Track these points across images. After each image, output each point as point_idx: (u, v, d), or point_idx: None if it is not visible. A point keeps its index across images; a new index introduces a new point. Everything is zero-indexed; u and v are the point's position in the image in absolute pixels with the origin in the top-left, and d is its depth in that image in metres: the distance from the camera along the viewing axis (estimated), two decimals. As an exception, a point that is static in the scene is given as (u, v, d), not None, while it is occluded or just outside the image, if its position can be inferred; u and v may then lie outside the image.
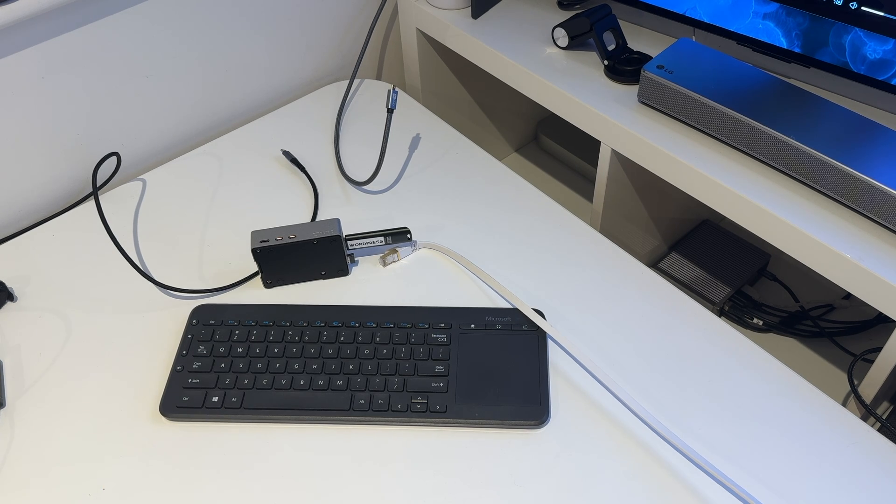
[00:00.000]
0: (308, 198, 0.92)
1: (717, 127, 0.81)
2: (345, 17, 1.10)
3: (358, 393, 0.70)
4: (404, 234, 0.84)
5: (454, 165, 0.96)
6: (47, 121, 0.89)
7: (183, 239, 0.88)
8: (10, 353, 0.77)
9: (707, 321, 0.77)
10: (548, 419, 0.69)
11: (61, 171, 0.93)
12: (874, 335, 1.02)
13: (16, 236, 0.90)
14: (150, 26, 0.91)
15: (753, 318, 1.05)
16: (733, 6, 0.87)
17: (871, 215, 0.72)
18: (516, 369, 0.72)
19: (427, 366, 0.72)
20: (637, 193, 1.00)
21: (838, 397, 0.92)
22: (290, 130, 1.02)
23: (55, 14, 0.82)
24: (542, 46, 0.97)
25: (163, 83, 0.96)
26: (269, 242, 0.79)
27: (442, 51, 1.12)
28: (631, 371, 0.72)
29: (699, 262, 1.11)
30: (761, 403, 0.70)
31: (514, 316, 0.76)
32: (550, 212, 0.89)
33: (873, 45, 0.78)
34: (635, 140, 0.85)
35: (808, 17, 0.82)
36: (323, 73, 1.13)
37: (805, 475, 0.65)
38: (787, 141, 0.75)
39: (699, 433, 0.67)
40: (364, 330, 0.75)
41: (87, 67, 0.88)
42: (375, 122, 1.01)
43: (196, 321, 0.77)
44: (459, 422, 0.69)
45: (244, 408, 0.70)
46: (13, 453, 0.69)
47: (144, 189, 0.95)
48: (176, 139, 1.02)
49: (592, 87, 0.91)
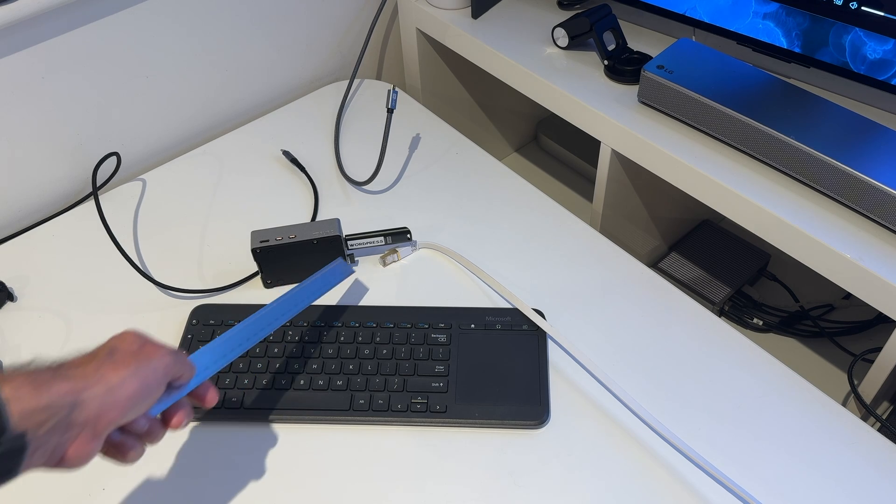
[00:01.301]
0: (308, 198, 0.92)
1: (717, 127, 0.81)
2: (345, 17, 1.10)
3: (358, 393, 0.70)
4: (404, 234, 0.84)
5: (454, 165, 0.96)
6: (47, 121, 0.89)
7: (183, 239, 0.88)
8: (10, 353, 0.77)
9: (707, 321, 0.77)
10: (548, 419, 0.69)
11: (61, 171, 0.93)
12: (874, 335, 1.02)
13: (16, 236, 0.90)
14: (149, 26, 0.91)
15: (753, 318, 1.05)
16: (733, 6, 0.87)
17: (871, 215, 0.72)
18: (516, 369, 0.72)
19: (427, 366, 0.72)
20: (637, 193, 1.00)
21: (838, 397, 0.92)
22: (290, 130, 1.02)
23: (55, 14, 0.82)
24: (542, 46, 0.97)
25: (163, 83, 0.96)
26: (269, 242, 0.79)
27: (442, 51, 1.12)
28: (631, 371, 0.72)
29: (699, 262, 1.11)
30: (761, 403, 0.70)
31: (514, 316, 0.76)
32: (550, 212, 0.89)
33: (873, 45, 0.78)
34: (635, 140, 0.85)
35: (808, 17, 0.82)
36: (323, 73, 1.13)
37: (805, 475, 0.65)
38: (786, 141, 0.75)
39: (699, 433, 0.67)
40: (364, 330, 0.75)
41: (87, 67, 0.88)
42: (375, 122, 1.01)
43: (196, 321, 0.77)
44: (459, 422, 0.69)
45: (244, 408, 0.70)
46: (13, 453, 0.69)
47: (144, 189, 0.95)
48: (176, 139, 1.02)
49: (592, 87, 0.91)
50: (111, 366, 0.49)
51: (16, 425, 0.43)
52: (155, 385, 0.52)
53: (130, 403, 0.49)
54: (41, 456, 0.46)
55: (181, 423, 0.56)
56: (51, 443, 0.46)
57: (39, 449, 0.45)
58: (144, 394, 0.50)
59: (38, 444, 0.45)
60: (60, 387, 0.46)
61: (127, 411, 0.49)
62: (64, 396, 0.46)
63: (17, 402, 0.44)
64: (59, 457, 0.47)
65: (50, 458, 0.47)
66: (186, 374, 0.56)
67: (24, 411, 0.44)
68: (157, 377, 0.52)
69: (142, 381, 0.50)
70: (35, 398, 0.44)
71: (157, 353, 0.52)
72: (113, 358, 0.50)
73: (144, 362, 0.51)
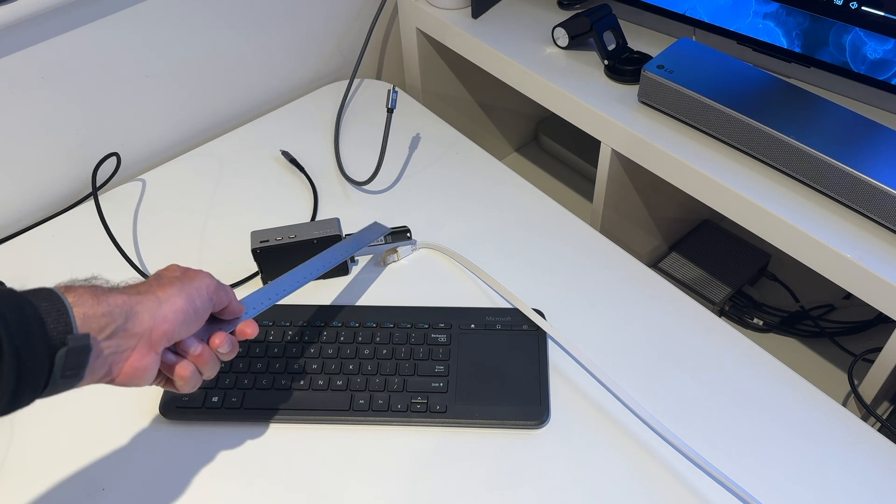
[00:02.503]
0: (308, 198, 0.92)
1: (717, 127, 0.81)
2: (345, 17, 1.10)
3: (358, 393, 0.70)
4: (404, 234, 0.84)
5: (454, 165, 0.96)
6: (47, 121, 0.89)
7: (183, 239, 0.88)
8: (10, 353, 0.77)
9: (707, 321, 0.77)
10: (548, 419, 0.69)
11: (61, 171, 0.93)
12: (874, 335, 1.02)
13: (16, 236, 0.90)
14: (149, 27, 0.91)
15: (753, 318, 1.05)
16: (733, 6, 0.87)
17: (872, 215, 0.72)
18: (516, 369, 0.72)
19: (427, 366, 0.72)
20: (637, 193, 1.00)
21: (838, 397, 0.92)
22: (289, 130, 1.02)
23: (55, 14, 0.82)
24: (542, 46, 0.97)
25: (163, 83, 0.96)
26: (269, 242, 0.79)
27: (442, 51, 1.12)
28: (631, 371, 0.72)
29: (699, 262, 1.11)
30: (761, 403, 0.70)
31: (514, 316, 0.76)
32: (550, 212, 0.89)
33: (873, 45, 0.78)
34: (635, 140, 0.85)
35: (808, 17, 0.82)
36: (323, 73, 1.13)
37: (805, 475, 0.65)
38: (787, 141, 0.75)
39: (699, 433, 0.67)
40: (364, 330, 0.75)
41: (87, 67, 0.88)
42: (375, 122, 1.01)
43: (196, 321, 0.77)
44: (459, 422, 0.69)
45: (244, 408, 0.70)
46: (13, 453, 0.69)
47: (144, 189, 0.95)
48: (176, 139, 1.02)
49: (592, 86, 0.90)
50: (158, 285, 0.55)
51: (80, 327, 0.48)
52: (200, 304, 0.56)
53: (180, 318, 0.54)
54: (102, 364, 0.50)
55: (221, 344, 0.59)
56: (111, 350, 0.51)
57: (101, 355, 0.50)
58: (191, 310, 0.55)
59: (99, 349, 0.50)
60: (117, 298, 0.51)
61: (176, 325, 0.54)
62: (121, 306, 0.51)
63: (80, 307, 0.49)
64: (119, 370, 0.52)
65: (111, 370, 0.52)
66: (233, 305, 0.61)
67: (87, 316, 0.49)
68: (202, 295, 0.57)
69: (188, 298, 0.55)
70: (95, 305, 0.49)
71: (200, 275, 0.58)
72: (160, 281, 0.56)
73: (188, 282, 0.56)
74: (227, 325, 0.61)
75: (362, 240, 0.80)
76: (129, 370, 0.52)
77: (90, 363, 0.49)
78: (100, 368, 0.50)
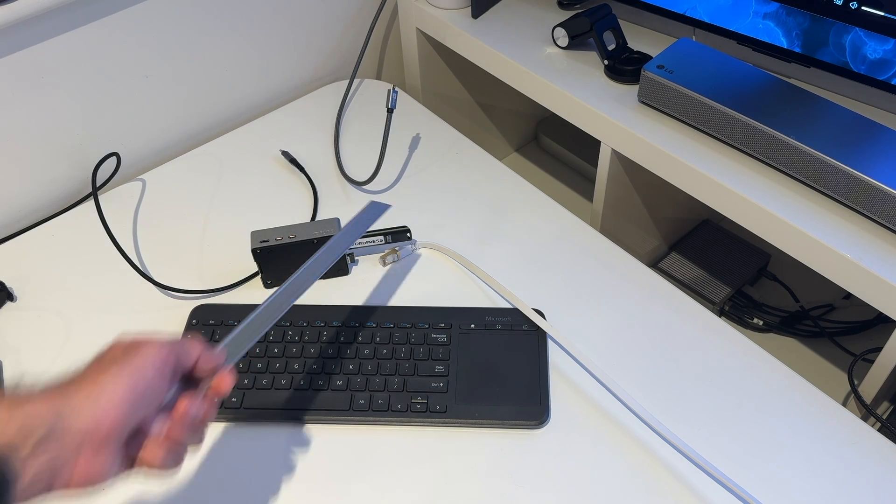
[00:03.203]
0: (308, 198, 0.92)
1: (717, 127, 0.81)
2: (345, 17, 1.10)
3: (358, 393, 0.70)
4: (404, 234, 0.84)
5: (454, 165, 0.96)
6: (47, 121, 0.89)
7: (183, 239, 0.88)
8: (10, 353, 0.77)
9: (707, 321, 0.77)
10: (548, 419, 0.69)
11: (61, 171, 0.93)
12: (874, 335, 1.01)
13: (15, 236, 0.90)
14: (149, 26, 0.91)
15: (753, 318, 1.05)
16: (733, 6, 0.87)
17: (871, 215, 0.72)
18: (516, 369, 0.72)
19: (427, 366, 0.72)
20: (637, 193, 1.00)
21: (838, 397, 0.92)
22: (289, 130, 1.02)
23: (55, 14, 0.82)
24: (542, 46, 0.97)
25: (162, 83, 0.96)
26: (269, 242, 0.79)
27: (442, 51, 1.12)
28: (631, 371, 0.72)
29: (699, 262, 1.11)
30: (761, 403, 0.70)
31: (514, 316, 0.76)
32: (550, 212, 0.89)
33: (873, 45, 0.78)
34: (635, 140, 0.85)
35: (808, 17, 0.82)
36: (323, 73, 1.13)
37: (805, 475, 0.65)
38: (787, 141, 0.75)
39: (699, 433, 0.67)
40: (364, 330, 0.75)
41: (87, 67, 0.88)
42: (375, 122, 1.01)
43: (196, 321, 0.77)
44: (459, 422, 0.69)
45: (244, 408, 0.70)
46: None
47: (144, 189, 0.95)
48: (176, 139, 1.02)
49: (592, 86, 0.90)
50: (95, 373, 0.47)
51: None
52: (151, 379, 0.49)
53: (125, 405, 0.47)
54: (39, 480, 0.44)
55: (186, 413, 0.51)
56: (44, 464, 0.44)
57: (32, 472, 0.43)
58: (138, 391, 0.48)
59: (27, 467, 0.43)
60: (35, 405, 0.44)
61: (122, 415, 0.47)
62: (42, 414, 0.44)
63: None
64: (68, 481, 0.45)
65: (55, 482, 0.45)
66: (205, 358, 0.54)
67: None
68: (147, 372, 0.49)
69: (129, 380, 0.47)
70: (8, 420, 0.43)
71: (145, 348, 0.50)
72: (99, 365, 0.48)
73: (128, 362, 0.48)
74: (206, 382, 0.54)
75: (362, 224, 0.73)
76: (81, 478, 0.46)
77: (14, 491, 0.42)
78: (38, 486, 0.44)
